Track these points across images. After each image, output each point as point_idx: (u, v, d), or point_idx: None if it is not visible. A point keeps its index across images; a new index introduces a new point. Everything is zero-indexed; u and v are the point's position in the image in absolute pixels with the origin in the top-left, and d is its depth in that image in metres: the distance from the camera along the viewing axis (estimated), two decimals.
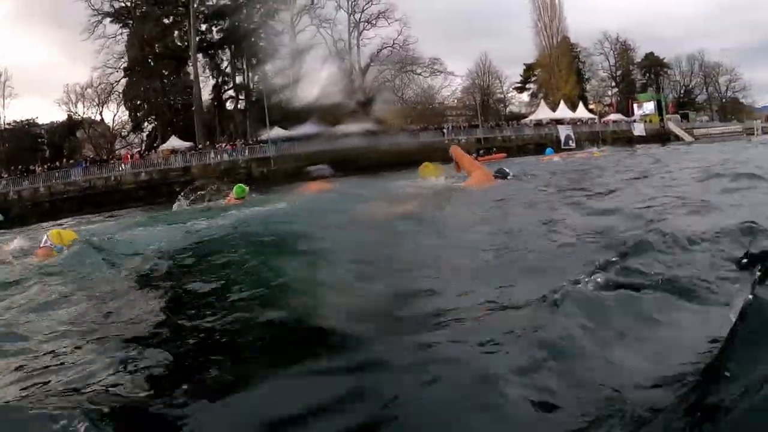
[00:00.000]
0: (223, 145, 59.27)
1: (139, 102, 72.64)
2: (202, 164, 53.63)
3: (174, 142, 60.85)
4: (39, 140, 71.15)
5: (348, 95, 76.83)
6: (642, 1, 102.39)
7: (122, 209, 39.87)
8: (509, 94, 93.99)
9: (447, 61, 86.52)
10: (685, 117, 79.04)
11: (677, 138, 66.02)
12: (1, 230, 28.01)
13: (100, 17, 72.72)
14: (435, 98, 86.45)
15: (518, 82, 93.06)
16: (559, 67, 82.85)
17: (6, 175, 51.16)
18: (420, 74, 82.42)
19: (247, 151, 56.55)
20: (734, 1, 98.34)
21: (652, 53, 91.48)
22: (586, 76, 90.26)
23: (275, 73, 77.95)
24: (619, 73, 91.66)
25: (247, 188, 14.67)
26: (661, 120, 73.68)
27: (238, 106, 77.32)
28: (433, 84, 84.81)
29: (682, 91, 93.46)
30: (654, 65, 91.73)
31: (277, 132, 60.11)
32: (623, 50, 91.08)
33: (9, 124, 71.22)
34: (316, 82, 75.20)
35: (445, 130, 64.51)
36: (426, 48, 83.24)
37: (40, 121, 72.80)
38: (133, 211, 35.14)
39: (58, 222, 31.09)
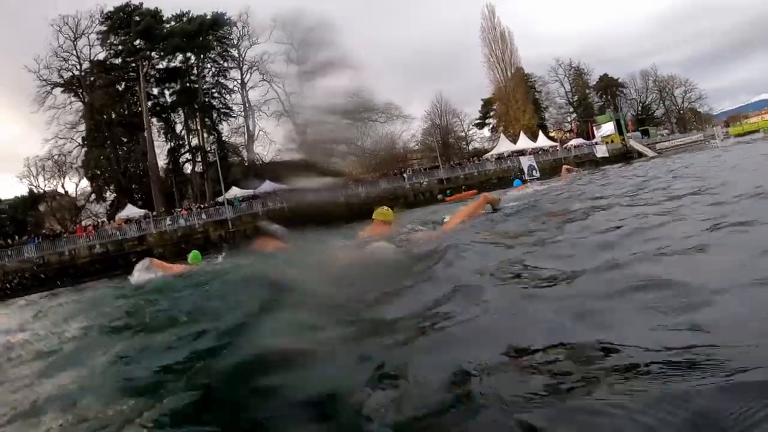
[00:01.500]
0: (179, 210, 57.65)
1: (99, 171, 71.31)
2: (158, 232, 52.17)
3: (129, 210, 59.66)
4: (1, 215, 69.19)
5: (304, 150, 76.20)
6: (589, 27, 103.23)
7: (79, 283, 38.44)
8: (470, 132, 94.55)
9: (404, 106, 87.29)
10: (645, 133, 79.42)
11: (640, 155, 66.13)
12: None
13: (49, 88, 73.30)
14: (396, 144, 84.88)
15: (477, 119, 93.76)
16: (516, 98, 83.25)
17: None
18: (376, 120, 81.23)
19: (204, 214, 54.99)
20: (672, 17, 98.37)
21: (606, 75, 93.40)
22: (544, 105, 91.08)
23: (230, 133, 77.86)
24: (575, 98, 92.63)
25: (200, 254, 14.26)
26: (623, 139, 73.66)
27: (195, 168, 76.24)
28: (393, 130, 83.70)
29: (639, 108, 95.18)
30: (609, 86, 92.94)
31: (234, 192, 59.23)
32: (577, 75, 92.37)
33: None
34: (271, 138, 75.37)
35: (405, 175, 63.70)
36: (380, 94, 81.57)
37: (2, 197, 73.41)
38: (89, 286, 33.52)
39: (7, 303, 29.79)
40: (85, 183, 74.03)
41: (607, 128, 77.55)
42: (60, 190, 74.59)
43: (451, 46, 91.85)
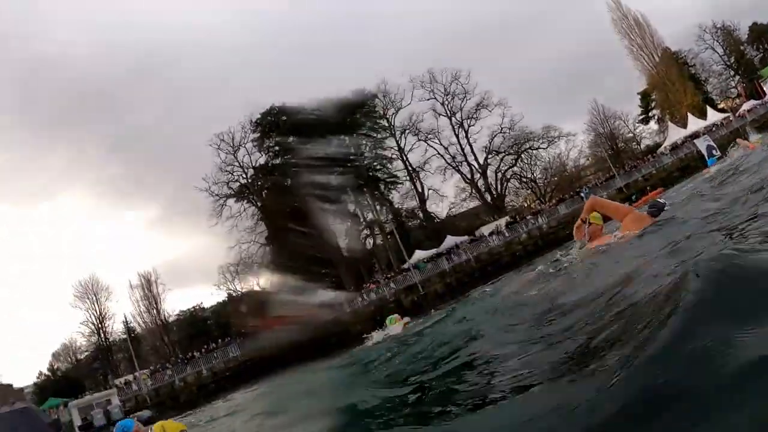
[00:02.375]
0: (368, 285, 58.70)
1: (287, 264, 74.23)
2: (351, 310, 53.08)
3: (321, 296, 60.79)
4: (207, 323, 73.88)
5: (476, 196, 76.49)
6: None
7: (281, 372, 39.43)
8: (637, 130, 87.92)
9: (561, 124, 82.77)
10: None
11: None
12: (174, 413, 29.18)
13: (222, 200, 77.78)
14: (566, 164, 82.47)
15: (640, 114, 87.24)
16: (671, 81, 77.84)
17: (169, 366, 54.54)
18: (539, 148, 80.00)
19: (392, 283, 55.64)
20: None
21: (755, 23, 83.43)
22: (702, 78, 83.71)
23: (401, 199, 78.92)
24: (732, 59, 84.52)
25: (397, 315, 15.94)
26: None
27: (375, 241, 77.74)
28: (558, 152, 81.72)
29: None
30: (763, 34, 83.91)
31: (418, 255, 59.70)
32: (726, 34, 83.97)
33: (177, 314, 79.09)
34: (442, 194, 75.69)
35: (582, 194, 59.83)
36: (535, 119, 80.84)
37: (205, 305, 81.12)
38: (287, 374, 34.46)
39: (226, 398, 32.24)
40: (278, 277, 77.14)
41: None
42: (255, 288, 78.27)
43: (589, 50, 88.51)
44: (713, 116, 68.51)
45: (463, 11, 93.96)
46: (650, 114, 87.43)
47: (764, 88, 71.78)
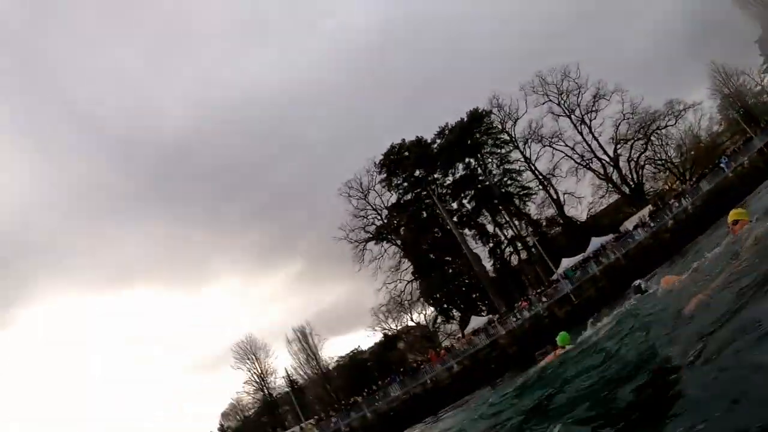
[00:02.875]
0: (519, 304, 57.18)
1: (437, 295, 75.10)
2: (507, 332, 51.86)
3: (474, 322, 61.07)
4: (367, 364, 74.98)
5: (613, 191, 73.69)
6: None
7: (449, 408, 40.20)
8: (765, 80, 79.77)
9: (684, 95, 78.32)
10: None
11: None
12: None
13: (362, 245, 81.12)
14: (699, 136, 78.35)
15: (763, 64, 79.54)
16: None
17: (333, 413, 55.78)
18: (667, 126, 75.67)
19: (543, 297, 54.03)
20: None
21: None
22: None
23: (538, 209, 77.55)
24: None
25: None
26: None
27: (520, 257, 76.60)
28: (687, 125, 77.07)
29: None
30: None
31: (565, 264, 58.02)
32: None
33: (336, 361, 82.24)
34: (578, 195, 73.76)
35: (723, 165, 55.95)
36: (655, 97, 76.76)
37: (363, 348, 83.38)
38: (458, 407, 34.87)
39: None
40: (430, 309, 77.67)
41: None
42: (411, 323, 79.01)
43: (692, 10, 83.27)
44: None
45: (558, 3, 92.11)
46: None
47: None
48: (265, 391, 79.28)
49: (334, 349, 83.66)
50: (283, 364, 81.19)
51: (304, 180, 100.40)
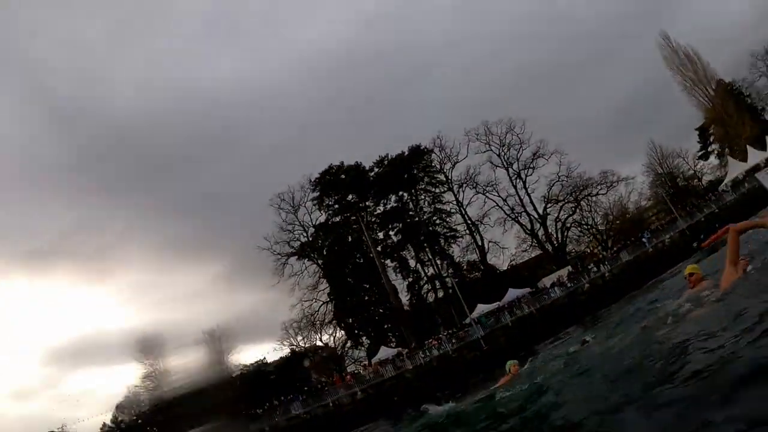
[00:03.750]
0: (430, 341, 58.10)
1: (350, 320, 75.28)
2: (414, 367, 52.51)
3: (383, 352, 61.54)
4: (271, 377, 74.21)
5: (537, 247, 76.18)
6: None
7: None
8: (698, 167, 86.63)
9: (619, 168, 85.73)
10: None
11: None
12: None
13: (284, 259, 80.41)
14: (627, 208, 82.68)
15: (698, 151, 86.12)
16: (729, 113, 75.85)
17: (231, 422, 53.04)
18: (598, 194, 78.91)
19: (454, 339, 55.12)
20: None
21: None
22: (760, 107, 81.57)
23: (461, 253, 79.12)
24: None
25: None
26: None
27: (437, 296, 77.76)
28: (618, 196, 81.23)
29: None
30: None
31: (480, 309, 59.27)
32: None
33: (241, 369, 77.20)
34: (502, 246, 75.85)
35: (644, 239, 59.65)
36: (592, 165, 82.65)
37: (269, 360, 79.14)
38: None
39: None
40: (340, 333, 77.93)
41: None
42: (319, 344, 78.84)
43: (642, 90, 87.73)
44: None
45: (512, 60, 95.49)
46: (709, 149, 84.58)
47: None
48: (165, 389, 77.31)
49: (240, 357, 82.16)
50: (187, 365, 79.13)
51: (238, 183, 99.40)
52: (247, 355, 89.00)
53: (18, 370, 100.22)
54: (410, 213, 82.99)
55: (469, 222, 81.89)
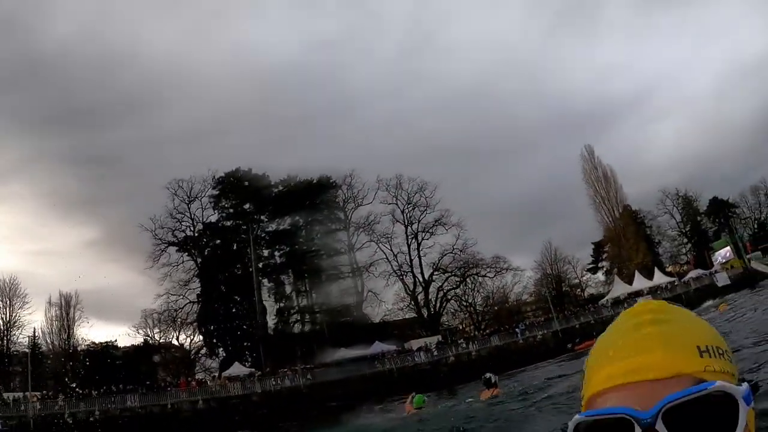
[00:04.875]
0: (285, 370, 57.62)
1: (212, 327, 73.52)
2: (263, 391, 51.85)
3: (236, 368, 60.51)
4: (117, 363, 71.23)
5: (414, 310, 76.95)
6: (691, 152, 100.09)
7: None
8: (584, 277, 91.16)
9: (512, 257, 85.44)
10: (766, 252, 73.92)
11: (763, 276, 62.10)
12: None
13: (164, 246, 78.78)
14: (508, 297, 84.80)
15: (590, 263, 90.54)
16: (626, 237, 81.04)
17: (62, 396, 51.03)
18: (485, 276, 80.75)
19: (310, 375, 54.82)
20: None
21: (715, 198, 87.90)
22: (656, 240, 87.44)
23: (339, 294, 78.92)
24: (687, 227, 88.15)
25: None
26: (743, 262, 70.61)
27: (304, 328, 77.16)
28: (503, 283, 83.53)
29: (756, 226, 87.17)
30: (721, 209, 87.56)
31: (342, 353, 59.19)
32: (687, 203, 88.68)
33: (88, 345, 75.56)
34: (380, 298, 76.26)
35: (518, 330, 62.24)
36: (487, 247, 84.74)
37: (119, 345, 76.21)
38: None
39: None
40: (199, 338, 75.99)
41: (725, 253, 75.31)
42: (174, 342, 76.69)
43: (554, 191, 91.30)
44: (659, 278, 71.03)
45: (440, 128, 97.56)
46: (600, 265, 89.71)
47: (712, 260, 74.72)
48: (4, 341, 72.88)
49: (91, 332, 78.31)
50: (35, 323, 74.70)
51: (137, 153, 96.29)
52: (97, 331, 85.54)
53: None
54: (300, 240, 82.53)
55: (355, 266, 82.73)
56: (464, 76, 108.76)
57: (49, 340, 74.26)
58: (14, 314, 73.08)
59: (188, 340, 77.81)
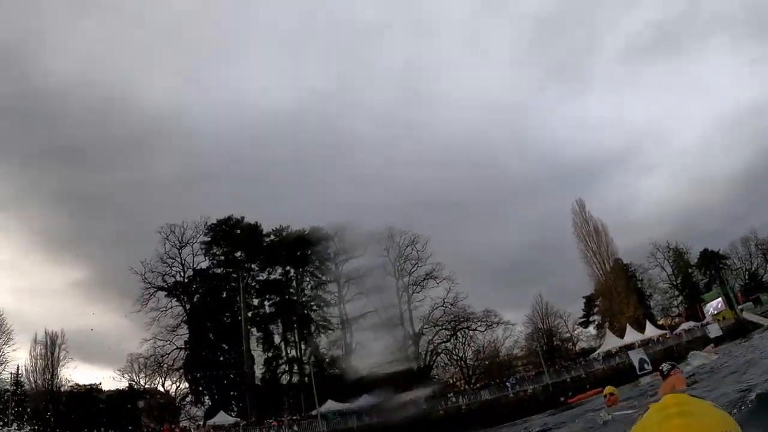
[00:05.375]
0: (271, 421, 57.09)
1: (198, 374, 72.85)
2: None
3: (221, 417, 60.05)
4: (100, 406, 70.27)
5: (404, 363, 76.32)
6: (679, 205, 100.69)
7: None
8: (575, 331, 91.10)
9: (503, 311, 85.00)
10: (757, 302, 75.34)
11: (755, 326, 62.77)
12: None
13: (153, 290, 78.43)
14: (499, 351, 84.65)
15: (581, 317, 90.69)
16: (618, 291, 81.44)
17: None
18: (476, 330, 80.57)
19: (296, 426, 54.42)
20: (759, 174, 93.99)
21: (706, 249, 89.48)
22: (648, 293, 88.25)
23: (328, 345, 78.51)
24: (679, 280, 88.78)
25: None
26: (735, 313, 71.03)
27: (292, 379, 76.59)
28: (494, 337, 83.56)
29: (746, 277, 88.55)
30: (711, 260, 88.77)
31: (329, 405, 58.71)
32: (677, 255, 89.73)
33: (72, 387, 74.28)
34: (369, 351, 75.70)
35: (508, 384, 62.77)
36: (478, 301, 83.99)
37: (104, 388, 75.00)
38: None
39: None
40: (185, 384, 75.28)
41: (716, 304, 75.50)
42: (160, 388, 75.88)
43: (546, 244, 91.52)
44: (651, 331, 71.45)
45: (435, 181, 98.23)
46: (591, 318, 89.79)
47: (704, 312, 75.55)
48: None
49: (75, 374, 77.56)
50: (19, 360, 73.90)
51: (133, 193, 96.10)
52: (82, 373, 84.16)
53: None
54: (291, 290, 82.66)
55: (344, 318, 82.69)
56: (455, 129, 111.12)
57: (32, 379, 73.50)
58: None
59: (174, 386, 77.19)
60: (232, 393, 75.70)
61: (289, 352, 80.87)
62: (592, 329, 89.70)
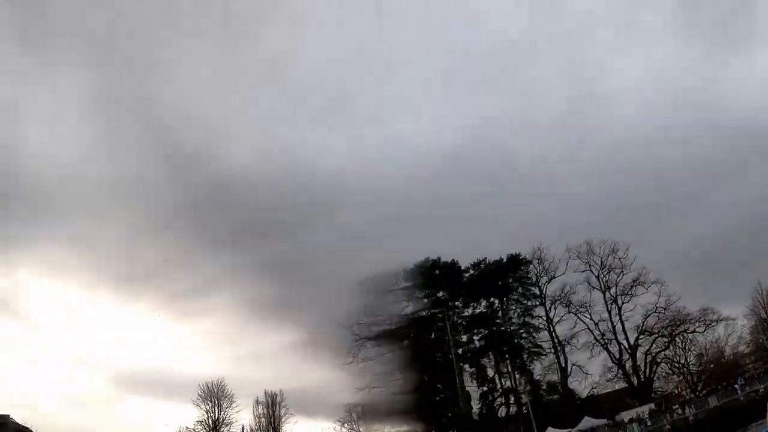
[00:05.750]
0: None
1: (417, 415, 74.07)
2: None
3: None
4: None
5: (623, 378, 73.12)
6: None
7: None
8: None
9: (720, 306, 78.00)
10: None
11: None
12: None
13: (362, 342, 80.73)
14: (724, 351, 77.97)
15: None
16: None
17: None
18: (695, 332, 75.63)
19: None
20: None
21: None
22: None
23: (542, 371, 77.14)
24: None
25: None
26: None
27: (509, 411, 75.60)
28: (716, 336, 76.69)
29: None
30: None
31: None
32: None
33: None
34: (586, 371, 73.36)
35: (737, 386, 56.51)
36: (691, 301, 78.10)
37: None
38: None
39: None
40: (402, 427, 76.48)
41: None
42: None
43: (752, 225, 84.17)
44: None
45: (623, 186, 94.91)
46: None
47: None
48: None
49: (296, 428, 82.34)
50: (243, 421, 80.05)
51: (329, 256, 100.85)
52: (302, 427, 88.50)
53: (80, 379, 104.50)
54: (498, 321, 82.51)
55: (556, 341, 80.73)
56: (636, 122, 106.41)
57: None
58: (222, 413, 78.35)
59: (393, 430, 78.62)
60: (451, 431, 76.10)
61: (503, 383, 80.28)
62: None
